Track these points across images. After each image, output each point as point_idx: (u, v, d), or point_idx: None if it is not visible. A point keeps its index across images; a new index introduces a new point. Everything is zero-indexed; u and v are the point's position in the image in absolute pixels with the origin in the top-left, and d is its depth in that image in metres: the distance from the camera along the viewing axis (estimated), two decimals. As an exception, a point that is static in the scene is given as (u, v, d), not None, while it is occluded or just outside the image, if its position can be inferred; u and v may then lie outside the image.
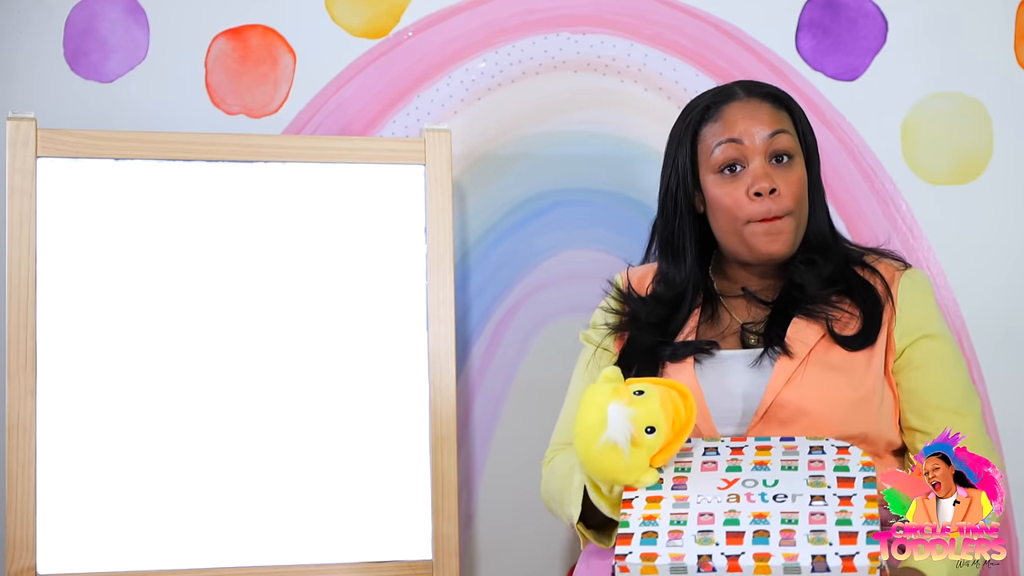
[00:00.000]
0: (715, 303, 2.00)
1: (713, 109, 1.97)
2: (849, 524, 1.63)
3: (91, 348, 2.21)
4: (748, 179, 1.92)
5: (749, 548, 1.63)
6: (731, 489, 1.70)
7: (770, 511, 1.66)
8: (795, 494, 1.68)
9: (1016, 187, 2.52)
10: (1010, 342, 2.48)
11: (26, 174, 2.19)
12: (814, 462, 1.73)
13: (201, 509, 2.21)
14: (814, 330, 1.91)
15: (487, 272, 2.49)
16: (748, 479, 1.71)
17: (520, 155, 2.50)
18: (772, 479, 1.71)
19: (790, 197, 1.92)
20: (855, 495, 1.67)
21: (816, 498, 1.67)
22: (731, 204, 1.93)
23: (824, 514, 1.65)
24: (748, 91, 1.98)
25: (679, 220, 2.00)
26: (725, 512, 1.67)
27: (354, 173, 2.31)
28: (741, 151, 1.93)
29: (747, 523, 1.65)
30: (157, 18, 2.46)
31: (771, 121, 1.94)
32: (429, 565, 2.25)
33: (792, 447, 1.76)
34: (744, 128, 1.93)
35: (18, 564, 2.13)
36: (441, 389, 2.28)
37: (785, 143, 1.93)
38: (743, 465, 1.74)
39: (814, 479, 1.70)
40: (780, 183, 1.91)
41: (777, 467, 1.73)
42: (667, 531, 1.66)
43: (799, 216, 1.94)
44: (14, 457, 2.15)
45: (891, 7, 2.52)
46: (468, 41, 2.51)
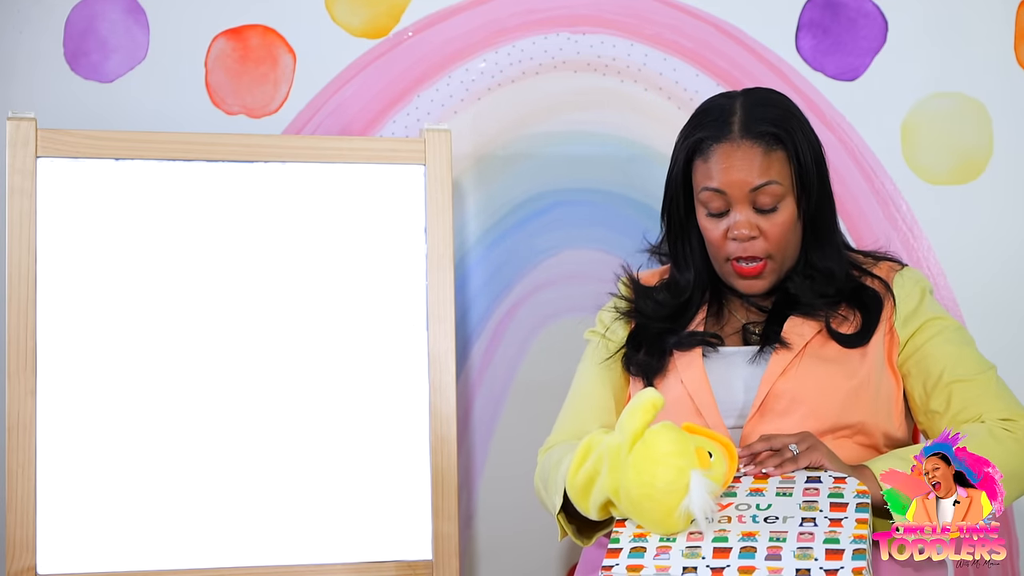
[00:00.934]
0: (721, 300, 2.03)
1: (706, 143, 1.93)
2: (836, 543, 1.63)
3: (91, 348, 2.21)
4: (729, 222, 1.93)
5: (735, 562, 1.62)
6: (724, 512, 1.70)
7: (759, 530, 1.66)
8: (786, 516, 1.68)
9: (1016, 187, 2.52)
10: (1010, 342, 2.48)
11: (26, 174, 2.19)
12: (809, 490, 1.72)
13: (201, 509, 2.21)
14: (811, 326, 1.94)
15: (487, 272, 2.49)
16: (742, 503, 1.71)
17: (520, 155, 2.50)
18: (766, 503, 1.70)
19: (771, 241, 1.93)
20: (846, 518, 1.66)
21: (807, 520, 1.67)
22: (712, 240, 1.96)
23: (813, 534, 1.64)
24: (745, 129, 1.92)
25: (680, 230, 2.02)
26: (715, 531, 1.67)
27: (354, 173, 2.31)
28: (725, 200, 1.93)
29: (735, 540, 1.65)
30: (157, 18, 2.46)
31: (759, 172, 1.90)
32: (429, 565, 2.25)
33: (790, 477, 1.75)
34: (729, 180, 1.91)
35: (18, 564, 2.13)
36: (441, 389, 2.28)
37: (770, 196, 1.91)
38: (739, 491, 1.73)
39: (807, 504, 1.69)
40: (763, 227, 1.92)
41: (772, 493, 1.72)
42: (655, 547, 1.67)
43: (780, 257, 1.95)
44: (14, 457, 2.15)
45: (891, 7, 2.52)
46: (468, 41, 2.51)
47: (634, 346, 2.01)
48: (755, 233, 1.92)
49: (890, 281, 1.98)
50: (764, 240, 1.92)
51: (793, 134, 1.93)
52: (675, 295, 2.03)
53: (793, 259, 1.97)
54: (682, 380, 1.94)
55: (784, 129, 1.92)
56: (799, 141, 1.93)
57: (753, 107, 1.94)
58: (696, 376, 1.94)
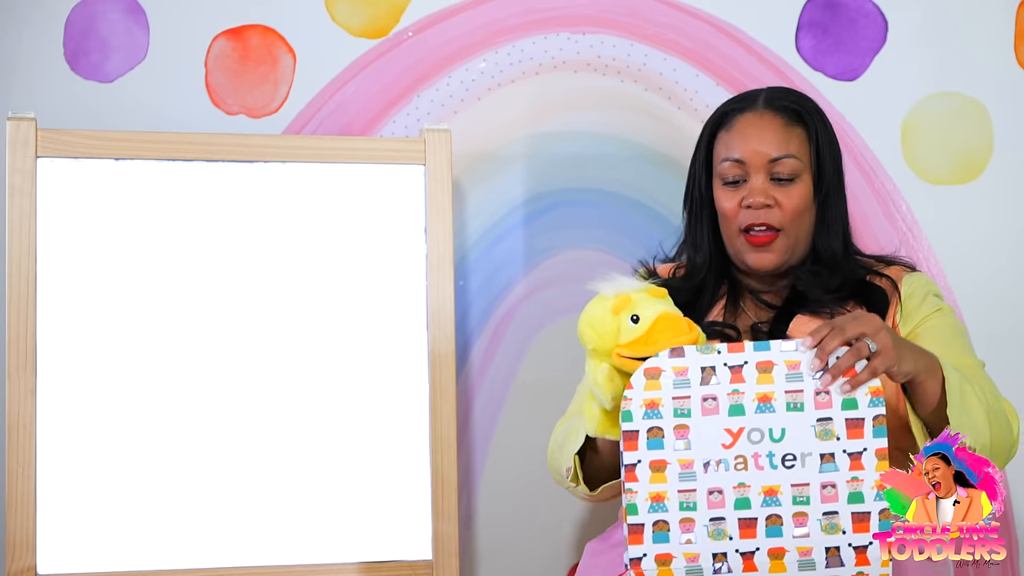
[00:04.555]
0: (737, 295, 2.05)
1: (730, 116, 2.03)
2: (861, 501, 1.64)
3: (91, 348, 2.21)
4: (746, 192, 1.98)
5: (763, 543, 1.63)
6: (737, 446, 1.67)
7: (780, 484, 1.66)
8: (804, 454, 1.66)
9: (1016, 187, 2.52)
10: (1010, 342, 2.48)
11: (26, 174, 2.19)
12: (820, 392, 1.67)
13: (201, 509, 2.21)
14: (817, 324, 1.92)
15: (487, 272, 2.49)
16: (753, 429, 1.67)
17: (520, 155, 2.50)
18: (779, 428, 1.67)
19: (785, 212, 1.97)
20: (865, 451, 1.66)
21: (826, 458, 1.66)
22: (727, 211, 2.00)
23: (836, 485, 1.65)
24: (768, 102, 2.02)
25: (699, 213, 2.06)
26: (734, 487, 1.66)
27: (354, 173, 2.31)
28: (743, 169, 1.99)
29: (758, 505, 1.65)
30: (157, 18, 2.46)
31: (778, 144, 1.98)
32: (429, 565, 2.25)
33: (795, 364, 1.68)
34: (749, 149, 1.98)
35: (18, 564, 2.13)
36: (441, 389, 2.28)
37: (788, 168, 1.98)
38: (745, 403, 1.68)
39: (822, 425, 1.67)
40: (778, 198, 1.98)
41: (782, 406, 1.67)
42: (678, 520, 1.66)
43: (793, 233, 1.99)
44: (14, 457, 2.15)
45: (891, 7, 2.52)
46: (468, 41, 2.51)
47: None
48: (770, 202, 1.97)
49: (901, 280, 2.00)
50: (779, 211, 1.97)
51: (813, 116, 2.02)
52: (689, 278, 2.06)
53: (804, 244, 2.01)
54: None
55: (805, 110, 2.02)
56: (818, 124, 2.02)
57: (777, 89, 2.07)
58: None
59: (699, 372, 1.68)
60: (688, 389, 1.68)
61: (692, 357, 1.68)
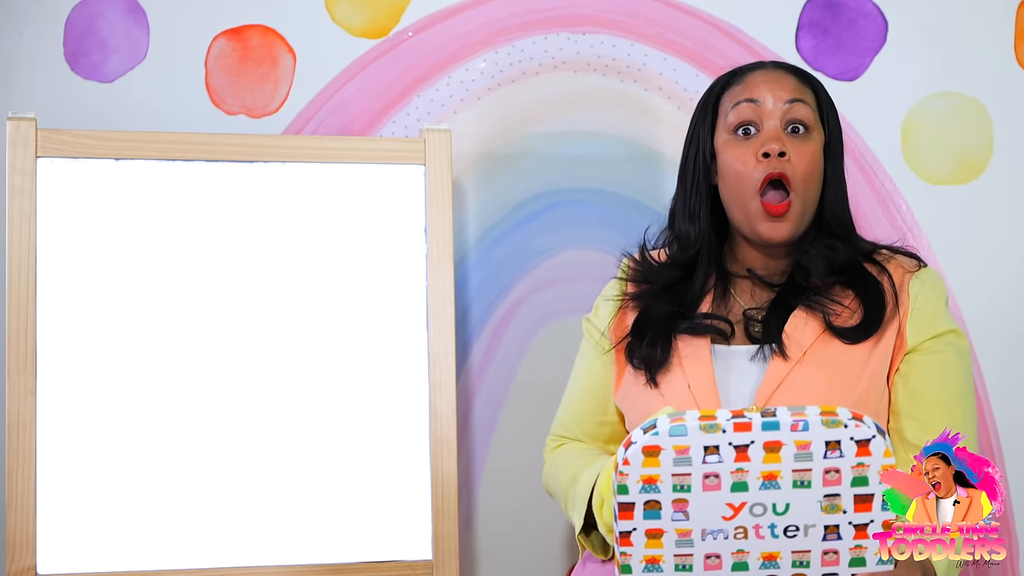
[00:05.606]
0: (726, 283, 1.98)
1: (738, 75, 1.99)
2: (863, 565, 1.60)
3: (91, 348, 2.21)
4: (759, 141, 1.91)
5: None
6: (738, 519, 1.61)
7: (780, 551, 1.60)
8: (807, 525, 1.61)
9: (1016, 187, 2.52)
10: (1010, 342, 2.48)
11: (26, 174, 2.19)
12: (830, 471, 1.61)
13: (201, 509, 2.21)
14: (812, 328, 1.90)
15: (487, 272, 2.49)
16: (756, 504, 1.61)
17: (520, 155, 2.50)
18: (783, 503, 1.61)
19: (800, 167, 1.90)
20: (871, 522, 1.61)
21: (830, 530, 1.61)
22: (740, 167, 1.92)
23: (838, 552, 1.60)
24: (777, 64, 2.00)
25: (695, 187, 1.98)
26: (732, 553, 1.61)
27: (354, 173, 2.31)
28: (757, 112, 1.93)
29: (756, 568, 1.60)
30: (157, 18, 2.46)
31: (793, 89, 1.94)
32: (429, 565, 2.25)
33: (805, 445, 1.61)
34: (763, 90, 1.94)
35: (18, 564, 2.13)
36: (441, 389, 2.28)
37: (803, 113, 1.93)
38: (749, 480, 1.61)
39: (829, 501, 1.62)
40: (792, 151, 1.90)
41: (788, 483, 1.61)
42: None
43: (805, 199, 1.92)
44: (14, 457, 2.15)
45: (891, 7, 2.52)
46: (468, 41, 2.51)
47: (638, 336, 1.95)
48: (784, 149, 1.90)
49: (906, 281, 1.94)
50: (792, 166, 1.90)
51: (818, 85, 1.99)
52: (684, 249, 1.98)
53: (810, 215, 1.93)
54: (689, 385, 1.89)
55: (812, 78, 1.99)
56: (822, 92, 1.98)
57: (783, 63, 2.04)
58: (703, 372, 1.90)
59: (702, 451, 1.60)
60: (689, 467, 1.61)
61: (695, 436, 1.60)
